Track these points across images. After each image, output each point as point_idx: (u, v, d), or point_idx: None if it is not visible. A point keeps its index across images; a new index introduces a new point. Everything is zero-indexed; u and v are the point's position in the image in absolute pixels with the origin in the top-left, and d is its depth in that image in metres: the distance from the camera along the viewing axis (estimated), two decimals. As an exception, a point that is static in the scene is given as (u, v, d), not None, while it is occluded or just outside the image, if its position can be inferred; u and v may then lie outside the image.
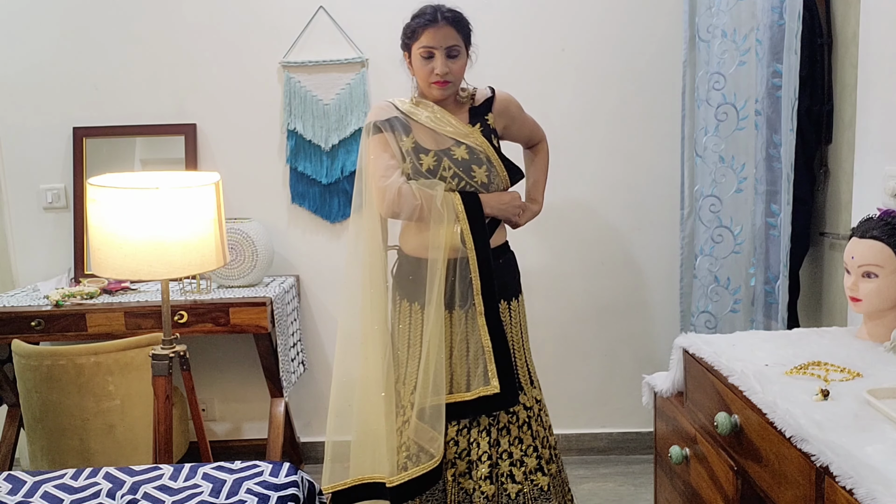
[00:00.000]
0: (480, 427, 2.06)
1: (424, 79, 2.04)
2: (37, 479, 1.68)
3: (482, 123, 2.09)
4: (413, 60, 2.05)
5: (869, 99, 1.96)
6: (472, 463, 2.06)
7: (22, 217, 3.05)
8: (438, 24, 1.99)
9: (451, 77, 2.02)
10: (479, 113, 2.11)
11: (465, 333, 2.08)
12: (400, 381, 2.14)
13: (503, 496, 2.05)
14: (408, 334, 2.13)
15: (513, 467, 2.06)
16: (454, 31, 2.01)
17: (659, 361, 2.03)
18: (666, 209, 2.95)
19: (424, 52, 2.00)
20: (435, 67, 1.99)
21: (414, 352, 2.10)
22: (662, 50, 2.86)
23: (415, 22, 2.04)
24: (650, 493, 2.11)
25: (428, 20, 2.00)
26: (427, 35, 1.99)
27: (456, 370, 2.09)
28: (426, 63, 2.01)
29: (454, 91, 2.09)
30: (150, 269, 1.85)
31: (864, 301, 1.53)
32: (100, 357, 2.38)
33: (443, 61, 1.99)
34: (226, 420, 3.18)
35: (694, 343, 1.61)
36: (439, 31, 1.99)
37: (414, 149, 2.04)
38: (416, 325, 2.11)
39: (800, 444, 1.14)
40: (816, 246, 2.58)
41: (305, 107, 2.94)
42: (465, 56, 2.06)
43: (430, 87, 2.04)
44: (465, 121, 2.09)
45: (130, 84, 2.97)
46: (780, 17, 2.28)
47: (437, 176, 2.02)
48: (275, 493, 1.58)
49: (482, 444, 2.06)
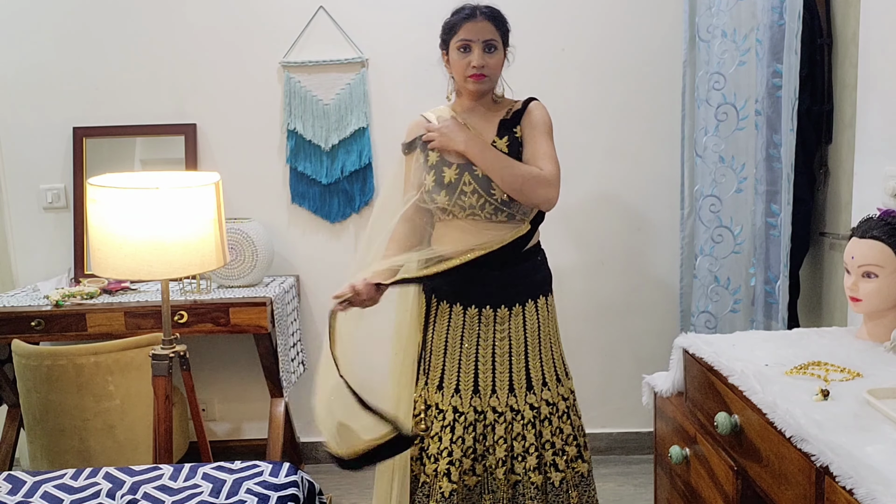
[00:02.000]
0: (525, 420, 2.09)
1: (461, 72, 2.03)
2: (37, 479, 1.68)
3: (510, 137, 2.07)
4: (451, 55, 2.05)
5: (869, 99, 1.96)
6: (519, 456, 2.09)
7: (22, 217, 3.05)
8: (477, 19, 2.01)
9: (487, 71, 2.01)
10: (509, 126, 2.09)
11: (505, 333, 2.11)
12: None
13: (548, 485, 2.09)
14: (445, 336, 2.12)
15: (556, 457, 2.10)
16: (492, 25, 2.02)
17: (659, 361, 2.03)
18: (666, 209, 2.95)
19: (462, 44, 2.00)
20: (472, 60, 2.00)
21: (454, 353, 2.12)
22: (662, 50, 2.86)
23: (453, 17, 2.05)
24: (650, 493, 2.11)
25: (467, 14, 2.02)
26: (465, 29, 2.00)
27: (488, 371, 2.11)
28: (463, 56, 2.01)
29: (490, 87, 2.08)
30: (149, 269, 1.85)
31: (864, 301, 1.53)
32: (100, 357, 2.38)
33: (479, 54, 2.00)
34: (226, 420, 3.18)
35: (694, 343, 1.61)
36: (477, 24, 2.01)
37: (439, 161, 2.05)
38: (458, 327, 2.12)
39: (800, 444, 1.14)
40: (816, 246, 2.58)
41: (305, 107, 2.94)
42: (503, 53, 2.07)
43: (466, 80, 2.03)
44: (494, 132, 2.07)
45: (130, 84, 2.97)
46: (780, 17, 2.29)
47: (458, 190, 2.01)
48: (275, 493, 1.58)
49: (528, 436, 2.08)
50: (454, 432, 2.06)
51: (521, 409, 2.09)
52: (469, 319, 2.08)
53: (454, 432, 2.06)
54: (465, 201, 2.01)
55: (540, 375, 2.10)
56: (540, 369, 2.10)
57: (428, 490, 2.08)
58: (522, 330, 2.10)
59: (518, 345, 2.09)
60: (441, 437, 2.07)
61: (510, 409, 2.08)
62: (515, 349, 2.09)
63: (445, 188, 2.02)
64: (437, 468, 2.06)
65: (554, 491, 2.10)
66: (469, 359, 2.08)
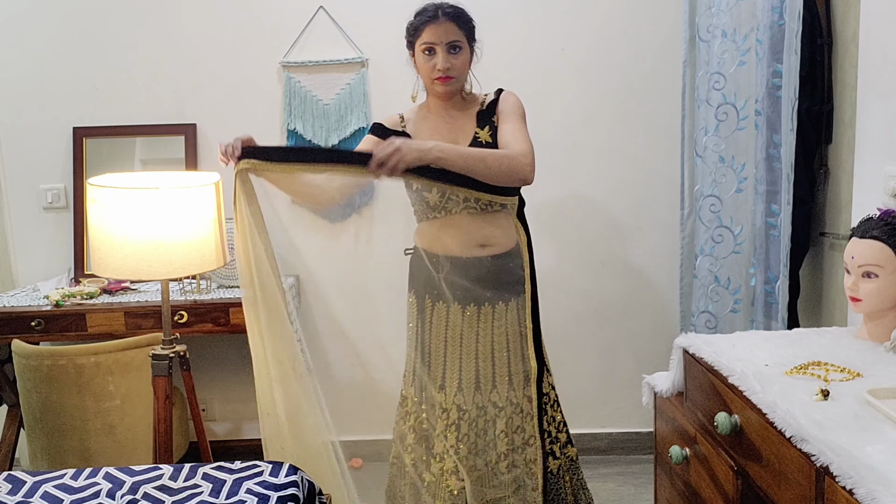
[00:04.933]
0: (524, 413, 2.11)
1: (427, 75, 2.04)
2: (37, 479, 1.67)
3: (490, 126, 2.08)
4: (416, 58, 2.06)
5: (869, 99, 1.96)
6: (519, 448, 2.11)
7: (22, 217, 3.05)
8: (439, 20, 2.00)
9: (453, 72, 2.02)
10: (486, 116, 2.10)
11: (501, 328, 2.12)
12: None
13: (547, 473, 2.13)
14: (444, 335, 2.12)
15: (553, 444, 2.14)
16: (455, 26, 2.01)
17: (659, 361, 2.03)
18: (666, 209, 2.95)
19: (426, 47, 2.01)
20: (437, 63, 2.00)
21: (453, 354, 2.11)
22: (662, 50, 2.86)
23: (417, 20, 2.05)
24: (650, 493, 2.11)
25: (429, 17, 2.01)
26: (428, 31, 2.00)
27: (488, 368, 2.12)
28: (428, 59, 2.01)
29: (458, 88, 2.08)
30: (150, 269, 1.85)
31: (864, 301, 1.53)
32: (100, 357, 2.38)
33: (444, 56, 1.99)
34: (226, 420, 3.18)
35: (694, 343, 1.61)
36: (440, 26, 2.00)
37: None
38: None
39: (800, 444, 1.14)
40: (816, 246, 2.58)
41: (305, 107, 2.94)
42: (469, 52, 2.06)
43: (433, 83, 2.04)
44: (474, 123, 2.09)
45: (130, 84, 2.97)
46: (780, 17, 2.29)
47: (446, 196, 2.00)
48: (275, 493, 1.58)
49: (528, 428, 2.11)
50: (460, 430, 2.07)
51: (520, 401, 2.10)
52: (468, 317, 2.08)
53: (460, 430, 2.07)
54: (460, 195, 1.99)
55: (533, 366, 2.11)
56: (533, 360, 2.11)
57: (434, 490, 2.08)
58: (517, 323, 2.11)
59: (514, 338, 2.11)
60: (446, 435, 2.08)
61: (510, 402, 2.09)
62: (512, 342, 2.11)
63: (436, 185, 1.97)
64: (443, 467, 2.06)
65: (553, 479, 2.13)
66: (469, 356, 2.08)
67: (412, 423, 2.14)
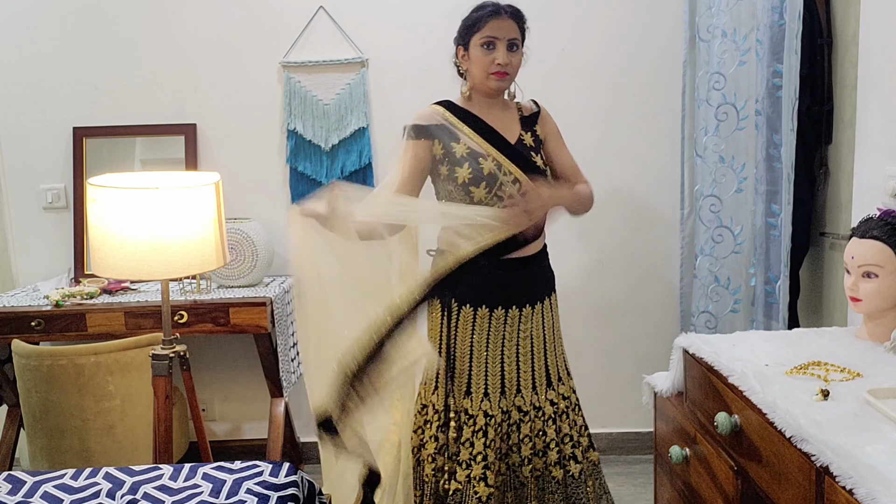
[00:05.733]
0: (546, 416, 2.11)
1: (484, 69, 2.00)
2: (37, 479, 1.67)
3: (533, 133, 2.10)
4: (471, 52, 2.02)
5: (869, 99, 1.96)
6: (540, 451, 2.11)
7: (22, 217, 3.05)
8: (502, 16, 2.01)
9: (510, 69, 2.02)
10: (529, 124, 2.12)
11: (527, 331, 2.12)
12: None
13: (568, 477, 2.13)
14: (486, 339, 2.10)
15: (574, 449, 2.14)
16: (516, 25, 2.03)
17: (659, 361, 2.03)
18: (666, 209, 2.95)
19: (486, 41, 1.99)
20: (496, 57, 1.99)
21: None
22: (662, 50, 2.86)
23: (477, 14, 2.03)
24: (650, 493, 2.11)
25: (491, 11, 2.01)
26: (491, 25, 1.99)
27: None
28: (487, 53, 2.00)
29: (508, 86, 2.08)
30: (149, 269, 1.85)
31: (864, 301, 1.53)
32: (100, 357, 2.38)
33: (504, 52, 1.99)
34: (226, 420, 3.18)
35: (694, 343, 1.61)
36: (504, 22, 2.00)
37: (469, 154, 2.01)
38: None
39: (800, 444, 1.14)
40: (816, 246, 2.58)
41: (305, 107, 2.94)
42: (521, 54, 2.07)
43: (487, 77, 2.01)
44: (518, 127, 2.10)
45: (130, 84, 2.97)
46: (780, 17, 2.29)
47: (498, 181, 1.98)
48: (275, 493, 1.58)
49: (549, 432, 2.10)
50: (487, 436, 2.05)
51: (542, 405, 2.11)
52: (495, 321, 2.07)
53: (487, 436, 2.05)
54: (505, 191, 1.98)
55: (556, 370, 2.14)
56: (556, 364, 2.14)
57: (461, 497, 2.05)
58: (542, 327, 2.12)
59: (538, 342, 2.12)
60: (473, 442, 2.06)
61: (533, 406, 2.10)
62: (536, 347, 2.12)
63: (486, 179, 1.98)
64: (470, 473, 2.04)
65: (574, 483, 2.13)
66: (495, 361, 2.07)
67: (433, 431, 2.10)
